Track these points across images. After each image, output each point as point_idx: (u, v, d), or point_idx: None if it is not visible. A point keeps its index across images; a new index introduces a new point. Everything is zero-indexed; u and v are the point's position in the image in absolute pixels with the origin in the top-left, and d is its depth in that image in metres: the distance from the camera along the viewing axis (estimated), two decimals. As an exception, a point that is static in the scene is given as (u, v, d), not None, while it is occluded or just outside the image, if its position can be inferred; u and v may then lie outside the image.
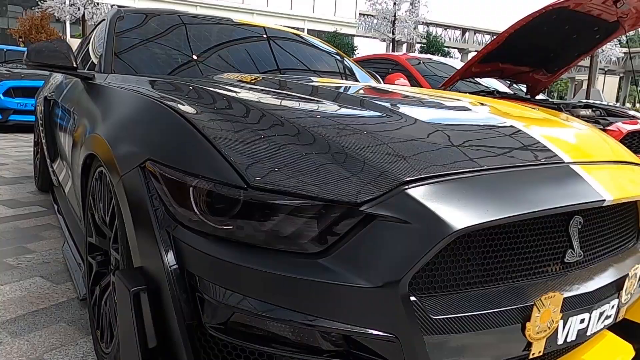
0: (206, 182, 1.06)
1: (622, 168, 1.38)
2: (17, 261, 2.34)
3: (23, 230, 2.81)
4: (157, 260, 1.09)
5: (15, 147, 5.99)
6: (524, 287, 1.11)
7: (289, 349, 1.00)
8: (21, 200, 3.49)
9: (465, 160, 1.12)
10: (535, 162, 1.19)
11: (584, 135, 1.55)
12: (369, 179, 1.02)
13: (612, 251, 1.34)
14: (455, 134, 1.27)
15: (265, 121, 1.23)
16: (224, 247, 1.03)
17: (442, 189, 1.02)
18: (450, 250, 1.03)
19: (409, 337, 0.96)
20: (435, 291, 1.03)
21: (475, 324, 1.02)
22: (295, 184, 1.01)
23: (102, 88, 1.88)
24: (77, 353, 1.59)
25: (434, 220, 0.96)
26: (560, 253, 1.18)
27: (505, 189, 1.08)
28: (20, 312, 1.83)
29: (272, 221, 1.02)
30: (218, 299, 1.01)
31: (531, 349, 1.11)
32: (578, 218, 1.20)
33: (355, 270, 0.96)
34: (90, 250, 1.68)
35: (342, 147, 1.10)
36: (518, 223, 1.10)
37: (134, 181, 1.20)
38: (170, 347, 1.10)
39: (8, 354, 1.56)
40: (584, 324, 1.18)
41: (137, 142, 1.29)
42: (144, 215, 1.15)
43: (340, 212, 0.99)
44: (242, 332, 1.02)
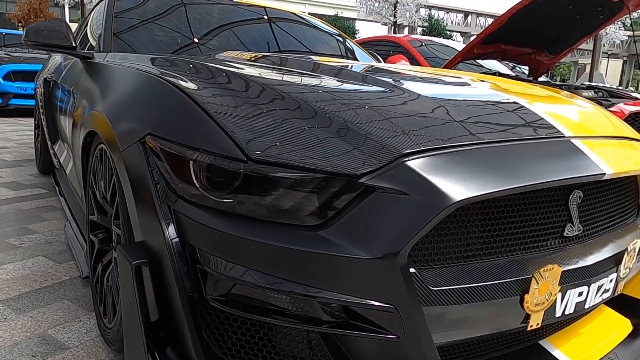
0: (206, 156, 1.06)
1: (623, 143, 1.37)
2: (20, 241, 2.36)
3: (25, 212, 2.83)
4: (158, 234, 1.10)
5: (16, 131, 5.99)
6: (523, 261, 1.11)
7: (290, 319, 1.01)
8: (23, 183, 3.50)
9: (465, 134, 1.12)
10: (536, 136, 1.19)
11: (586, 111, 1.54)
12: (369, 151, 1.02)
13: (611, 226, 1.35)
14: (458, 109, 1.27)
15: (266, 96, 1.22)
16: (224, 219, 1.03)
17: (442, 161, 1.02)
18: (449, 223, 1.04)
19: (408, 308, 0.97)
20: (435, 263, 1.04)
21: (474, 296, 1.03)
22: (295, 157, 1.01)
23: (101, 66, 1.87)
24: (80, 329, 1.61)
25: (433, 191, 0.96)
26: (559, 227, 1.19)
27: (505, 162, 1.08)
28: (23, 290, 1.85)
29: (273, 194, 1.02)
30: (219, 271, 1.02)
31: (529, 321, 1.12)
32: (578, 192, 1.20)
33: (355, 242, 0.96)
34: (92, 228, 1.69)
35: (343, 120, 1.10)
36: (518, 196, 1.11)
37: (134, 156, 1.20)
38: (172, 320, 1.12)
39: (12, 330, 1.58)
40: (582, 297, 1.19)
41: (137, 117, 1.29)
42: (144, 189, 1.15)
43: (340, 184, 0.99)
44: (243, 303, 1.03)
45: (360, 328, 1.00)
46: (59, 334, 1.57)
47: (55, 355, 1.46)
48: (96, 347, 1.51)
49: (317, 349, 1.09)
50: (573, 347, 1.32)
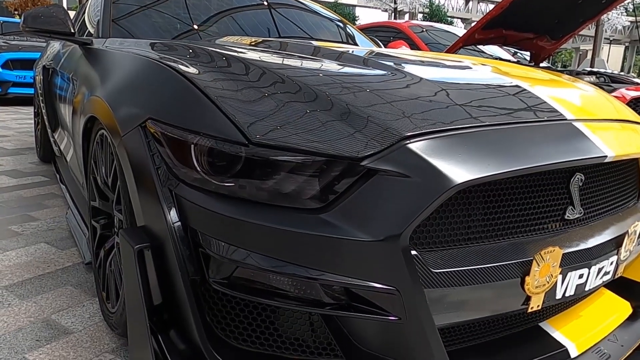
0: (207, 139, 1.06)
1: (625, 127, 1.37)
2: (22, 228, 2.37)
3: (27, 199, 2.83)
4: (160, 218, 1.10)
5: (16, 120, 5.97)
6: (524, 243, 1.12)
7: (292, 302, 1.02)
8: (23, 171, 3.50)
9: (467, 117, 1.12)
10: (538, 119, 1.18)
11: (588, 94, 1.54)
12: (371, 134, 1.02)
13: (612, 209, 1.35)
14: (460, 92, 1.26)
15: (267, 79, 1.22)
16: (226, 203, 1.04)
17: (444, 144, 1.02)
18: (451, 205, 1.04)
19: (409, 290, 0.98)
20: (436, 246, 1.04)
21: (475, 278, 1.04)
22: (296, 140, 1.01)
23: (100, 52, 1.86)
24: (84, 314, 1.62)
25: (434, 174, 0.96)
26: (560, 210, 1.19)
27: (506, 145, 1.07)
28: (26, 276, 1.86)
29: (274, 178, 1.02)
30: (221, 254, 1.03)
31: (530, 303, 1.12)
32: (579, 175, 1.20)
33: (356, 225, 0.97)
34: (94, 214, 1.69)
35: (344, 104, 1.10)
36: (519, 179, 1.11)
37: (135, 141, 1.20)
38: (175, 303, 1.12)
39: (16, 315, 1.59)
40: (583, 279, 1.20)
41: (137, 102, 1.28)
42: (145, 174, 1.15)
43: (341, 167, 0.99)
44: (246, 286, 1.03)
45: (362, 310, 1.00)
46: (62, 319, 1.58)
47: (59, 340, 1.47)
48: (100, 332, 1.52)
49: (319, 331, 1.10)
50: (573, 329, 1.33)
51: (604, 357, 1.33)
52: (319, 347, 1.10)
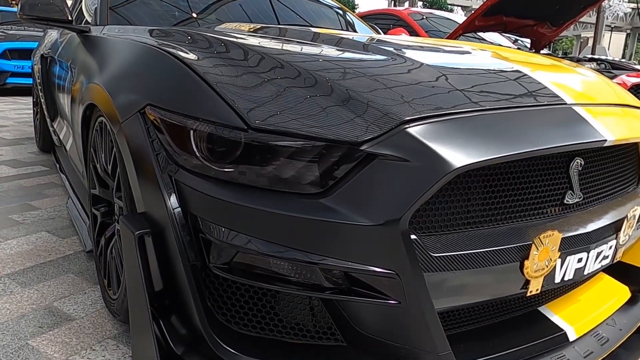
0: (207, 125, 1.06)
1: (625, 111, 1.37)
2: (23, 217, 2.37)
3: (27, 189, 2.84)
4: (160, 204, 1.10)
5: (15, 110, 5.96)
6: (524, 227, 1.12)
7: (292, 286, 1.02)
8: (23, 161, 3.50)
9: (467, 102, 1.11)
10: (538, 104, 1.18)
11: (588, 79, 1.53)
12: (370, 119, 1.02)
13: (611, 194, 1.35)
14: (461, 77, 1.26)
15: (266, 65, 1.21)
16: (226, 188, 1.04)
17: (443, 128, 1.02)
18: (450, 190, 1.04)
19: (409, 274, 0.98)
20: (436, 230, 1.04)
21: (474, 262, 1.04)
22: (296, 125, 1.01)
23: (98, 39, 1.85)
24: (85, 301, 1.63)
25: (434, 158, 0.96)
26: (560, 194, 1.19)
27: (506, 129, 1.07)
28: (28, 264, 1.87)
29: (274, 163, 1.02)
30: (221, 239, 1.03)
31: (529, 286, 1.13)
32: (579, 160, 1.20)
33: (356, 209, 0.97)
34: (94, 202, 1.69)
35: (344, 89, 1.09)
36: (519, 163, 1.11)
37: (134, 127, 1.20)
38: (176, 288, 1.13)
39: (19, 302, 1.60)
40: (582, 263, 1.20)
41: (135, 88, 1.28)
42: (145, 160, 1.15)
43: (341, 152, 0.99)
44: (246, 271, 1.04)
45: (362, 294, 1.01)
46: (64, 306, 1.59)
47: (62, 326, 1.48)
48: (102, 318, 1.53)
49: (319, 316, 1.10)
50: (572, 313, 1.34)
51: (603, 340, 1.34)
52: (319, 331, 1.11)
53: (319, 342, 1.11)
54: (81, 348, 1.39)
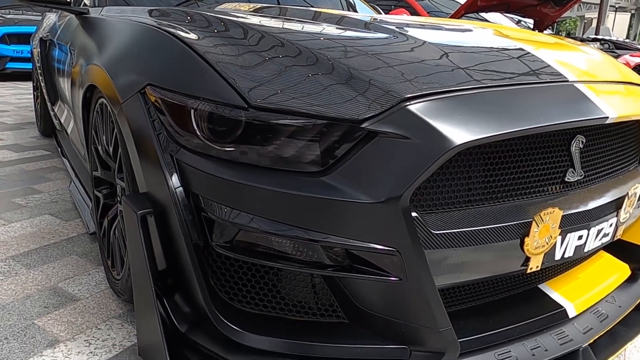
0: (207, 104, 1.06)
1: (628, 89, 1.36)
2: (26, 201, 2.38)
3: (29, 173, 2.85)
4: (162, 184, 1.11)
5: (15, 95, 5.94)
6: (524, 205, 1.12)
7: (294, 263, 1.03)
8: (25, 145, 3.50)
9: (470, 80, 1.11)
10: (539, 81, 1.17)
11: (591, 57, 1.52)
12: (371, 97, 1.01)
13: (613, 172, 1.35)
14: (463, 55, 1.25)
15: (267, 43, 1.20)
16: (227, 167, 1.04)
17: (444, 105, 1.01)
18: (451, 167, 1.04)
19: (410, 251, 0.99)
20: (437, 208, 1.05)
21: (475, 239, 1.05)
22: (297, 103, 1.01)
23: (97, 21, 1.84)
24: (90, 282, 1.65)
25: (435, 135, 0.96)
26: (561, 172, 1.19)
27: (507, 106, 1.07)
28: (32, 247, 1.89)
29: (275, 142, 1.02)
30: (223, 218, 1.04)
31: (529, 263, 1.14)
32: (580, 137, 1.19)
33: (357, 187, 0.97)
34: (96, 184, 1.70)
35: (346, 67, 1.09)
36: (520, 141, 1.10)
37: (135, 108, 1.19)
38: (180, 268, 1.14)
39: (24, 283, 1.62)
40: (582, 240, 1.21)
41: (135, 68, 1.28)
42: (146, 140, 1.15)
43: (342, 129, 0.99)
44: (248, 249, 1.05)
45: (363, 271, 1.02)
46: (69, 287, 1.61)
47: (67, 306, 1.50)
48: (106, 298, 1.55)
49: (321, 293, 1.11)
50: (572, 290, 1.35)
51: (602, 317, 1.36)
52: (321, 308, 1.12)
53: (321, 319, 1.13)
54: (86, 327, 1.41)
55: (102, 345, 1.33)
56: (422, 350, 1.08)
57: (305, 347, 1.07)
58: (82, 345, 1.33)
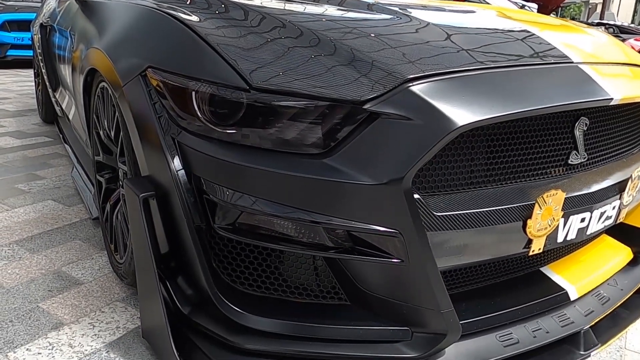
0: (208, 86, 1.05)
1: (633, 70, 1.34)
2: (29, 187, 2.39)
3: (32, 159, 2.85)
4: (163, 166, 1.11)
5: (16, 82, 5.93)
6: (527, 187, 1.12)
7: (296, 245, 1.03)
8: (27, 132, 3.50)
9: (472, 61, 1.10)
10: (543, 62, 1.16)
11: (596, 39, 1.50)
12: (373, 78, 1.01)
13: (616, 155, 1.34)
14: (468, 37, 1.24)
15: (268, 25, 1.19)
16: (229, 149, 1.04)
17: (447, 86, 1.00)
18: (454, 149, 1.04)
19: (412, 233, 0.99)
20: (439, 190, 1.04)
21: (477, 221, 1.05)
22: (298, 85, 1.00)
23: (97, 4, 1.82)
24: (93, 266, 1.66)
25: (437, 116, 0.95)
26: (564, 154, 1.18)
27: (511, 87, 1.06)
28: (35, 232, 1.90)
29: (277, 124, 1.02)
30: (225, 200, 1.04)
31: (531, 246, 1.14)
32: (584, 120, 1.18)
33: (359, 168, 0.97)
34: (98, 169, 1.70)
35: (348, 48, 1.08)
36: (523, 123, 1.10)
37: (136, 90, 1.19)
38: (182, 250, 1.15)
39: (28, 268, 1.63)
40: (584, 223, 1.21)
41: (136, 51, 1.27)
42: (147, 123, 1.15)
43: (344, 111, 0.99)
44: (250, 231, 1.05)
45: (365, 253, 1.02)
46: (72, 271, 1.62)
47: (71, 290, 1.51)
48: (109, 282, 1.56)
49: (323, 275, 1.12)
50: (574, 273, 1.35)
51: (604, 300, 1.36)
52: (323, 290, 1.13)
53: (323, 300, 1.13)
54: (90, 310, 1.42)
55: (106, 328, 1.34)
56: (424, 332, 1.08)
57: (307, 328, 1.08)
58: (86, 328, 1.34)
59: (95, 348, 1.26)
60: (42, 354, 1.23)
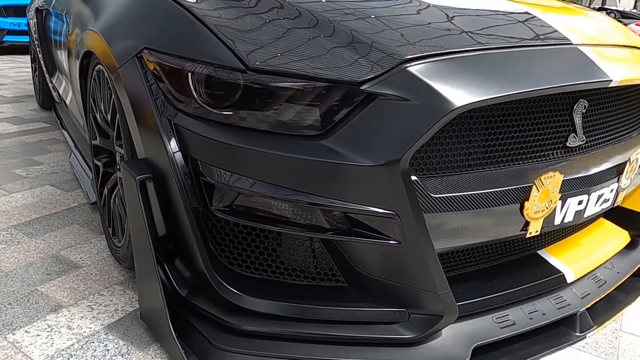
0: (205, 67, 1.04)
1: (633, 53, 1.33)
2: (27, 172, 2.38)
3: (29, 145, 2.84)
4: (160, 148, 1.10)
5: (13, 68, 5.89)
6: (525, 169, 1.12)
7: (293, 227, 1.03)
8: (24, 118, 3.49)
9: (472, 43, 1.09)
10: (543, 43, 1.15)
11: (597, 21, 1.49)
12: (371, 59, 1.00)
13: (615, 139, 1.34)
14: (468, 19, 1.22)
15: (265, 5, 1.18)
16: (226, 131, 1.03)
17: (445, 67, 1.00)
18: (452, 131, 1.03)
19: (409, 214, 0.99)
20: (437, 172, 1.04)
21: (474, 203, 1.05)
22: (296, 66, 0.99)
23: (92, -14, 1.80)
24: (91, 250, 1.66)
25: (435, 97, 0.95)
26: (563, 137, 1.18)
27: (509, 68, 1.05)
28: (34, 216, 1.89)
29: (274, 105, 1.01)
30: (222, 182, 1.03)
31: (528, 228, 1.14)
32: (583, 102, 1.18)
33: (357, 150, 0.97)
34: (96, 153, 1.70)
35: (348, 30, 1.06)
36: (522, 105, 1.09)
37: (132, 72, 1.18)
38: (180, 233, 1.15)
39: (26, 252, 1.63)
40: (582, 205, 1.21)
41: (132, 32, 1.25)
42: (144, 105, 1.14)
43: (341, 92, 0.98)
44: (248, 213, 1.05)
45: (363, 235, 1.02)
46: (71, 255, 1.62)
47: (69, 273, 1.52)
48: (108, 266, 1.56)
49: (320, 257, 1.12)
50: (571, 256, 1.36)
51: (600, 282, 1.37)
52: (321, 272, 1.13)
53: (320, 283, 1.13)
54: (89, 293, 1.42)
55: (105, 311, 1.34)
56: (421, 313, 1.09)
57: (304, 309, 1.09)
58: (85, 311, 1.34)
59: (94, 330, 1.27)
60: (41, 336, 1.24)
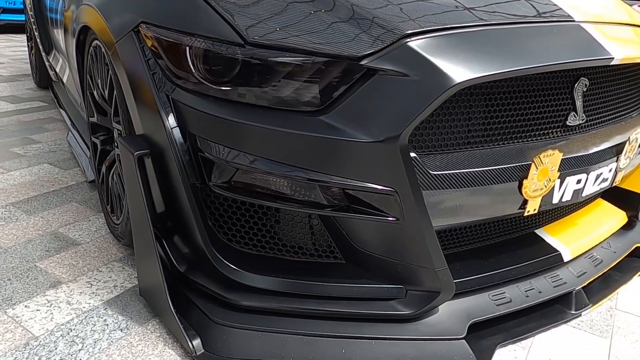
0: (203, 41, 1.03)
1: (636, 31, 1.32)
2: (24, 150, 2.37)
3: (26, 123, 2.82)
4: (158, 124, 1.09)
5: (10, 47, 5.83)
6: (524, 148, 1.11)
7: (291, 203, 1.03)
8: (21, 96, 3.46)
9: (474, 19, 1.07)
10: (544, 20, 1.14)
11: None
12: (371, 34, 0.98)
13: (615, 118, 1.33)
14: None
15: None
16: (224, 106, 1.02)
17: (446, 42, 0.99)
18: (452, 108, 1.03)
19: (407, 191, 0.99)
20: (436, 149, 1.04)
21: (473, 181, 1.05)
22: (295, 40, 0.98)
23: (88, -39, 1.77)
24: (90, 227, 1.66)
25: (435, 72, 0.94)
26: (563, 115, 1.17)
27: (510, 45, 1.04)
28: (32, 194, 1.89)
29: (273, 80, 1.00)
30: (220, 158, 1.03)
31: (526, 206, 1.14)
32: (584, 80, 1.17)
33: (356, 126, 0.96)
34: (93, 131, 1.69)
35: (349, 4, 1.05)
36: (522, 82, 1.08)
37: (129, 47, 1.16)
38: (178, 209, 1.15)
39: (25, 229, 1.63)
40: (580, 184, 1.21)
41: (129, 6, 1.23)
42: (141, 80, 1.13)
43: (341, 67, 0.97)
44: (246, 189, 1.05)
45: (361, 211, 1.02)
46: (69, 232, 1.62)
47: (68, 250, 1.52)
48: (106, 243, 1.57)
49: (318, 234, 1.12)
50: (568, 235, 1.36)
51: (596, 262, 1.38)
52: (319, 249, 1.13)
53: (319, 259, 1.14)
54: (88, 270, 1.43)
55: (104, 287, 1.35)
56: (418, 290, 1.10)
57: (302, 285, 1.09)
58: (84, 286, 1.35)
59: (93, 305, 1.28)
60: (41, 311, 1.24)
